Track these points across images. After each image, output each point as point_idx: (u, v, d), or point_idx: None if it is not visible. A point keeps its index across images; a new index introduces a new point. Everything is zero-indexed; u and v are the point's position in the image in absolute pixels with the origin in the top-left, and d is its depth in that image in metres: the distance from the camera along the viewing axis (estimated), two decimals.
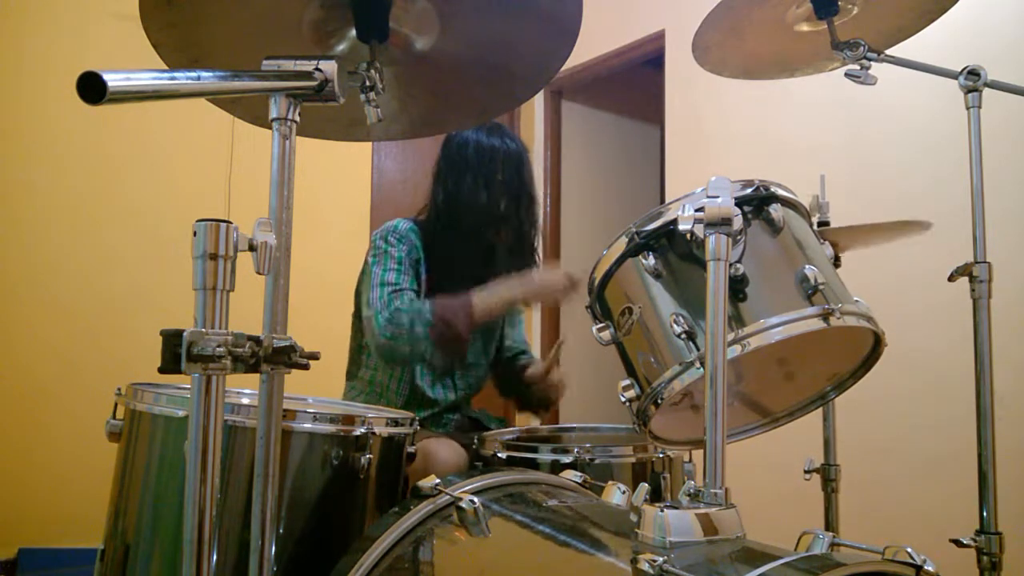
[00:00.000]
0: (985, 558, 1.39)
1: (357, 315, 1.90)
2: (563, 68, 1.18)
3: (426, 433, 1.72)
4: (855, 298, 1.09)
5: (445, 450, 1.55)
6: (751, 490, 1.68)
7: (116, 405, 1.29)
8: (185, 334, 0.67)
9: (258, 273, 0.76)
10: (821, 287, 1.02)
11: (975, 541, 1.40)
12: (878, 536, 0.91)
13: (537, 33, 1.14)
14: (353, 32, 1.09)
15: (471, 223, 1.77)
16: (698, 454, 1.23)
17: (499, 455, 1.48)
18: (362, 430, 1.23)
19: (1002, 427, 1.45)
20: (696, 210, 0.92)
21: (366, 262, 1.79)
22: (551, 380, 1.89)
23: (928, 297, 2.41)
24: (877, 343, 1.12)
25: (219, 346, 0.68)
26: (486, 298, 1.68)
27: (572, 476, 1.30)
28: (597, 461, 1.45)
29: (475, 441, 1.57)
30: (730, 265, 0.94)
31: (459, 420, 1.89)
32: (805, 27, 1.51)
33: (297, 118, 0.84)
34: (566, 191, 4.37)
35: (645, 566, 0.77)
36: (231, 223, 0.71)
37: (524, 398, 1.95)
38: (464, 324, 1.63)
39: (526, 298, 1.76)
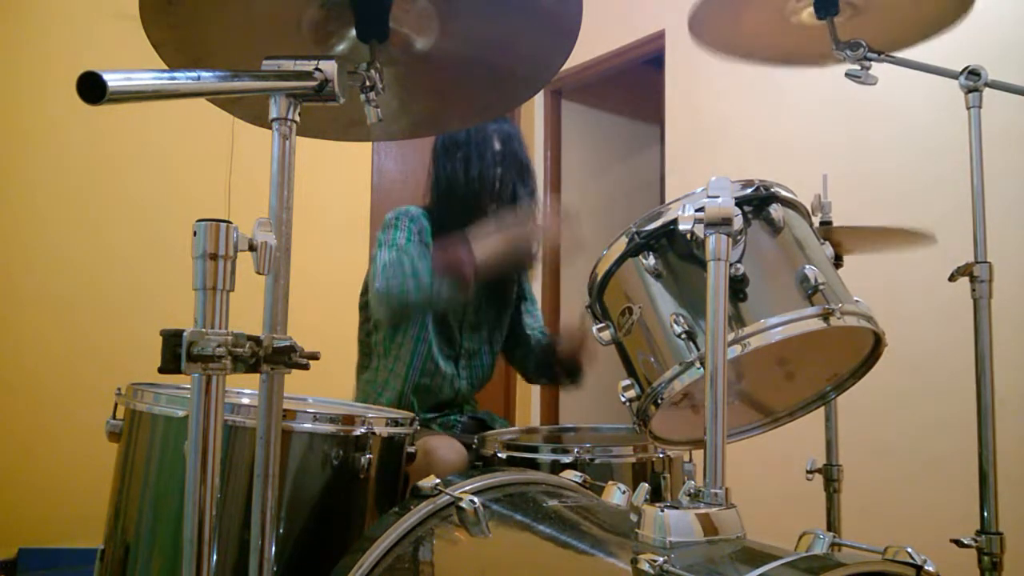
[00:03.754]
0: (986, 558, 1.39)
1: (364, 307, 1.90)
2: (563, 68, 1.18)
3: (427, 432, 1.72)
4: (855, 298, 1.08)
5: (446, 448, 1.55)
6: (751, 490, 1.67)
7: (116, 405, 1.29)
8: (185, 334, 0.68)
9: (258, 273, 0.76)
10: (821, 287, 1.02)
11: (976, 541, 1.40)
12: (878, 536, 0.91)
13: (537, 33, 1.14)
14: (353, 32, 1.08)
15: (470, 196, 1.80)
16: (698, 454, 1.23)
17: (499, 455, 1.48)
18: (362, 430, 1.23)
19: (1002, 427, 1.45)
20: (696, 210, 0.92)
21: (377, 242, 1.78)
22: (583, 347, 1.89)
23: (928, 297, 2.41)
24: (877, 343, 1.12)
25: (219, 346, 0.68)
26: (483, 239, 1.66)
27: (572, 476, 1.29)
28: (597, 461, 1.45)
29: (475, 441, 1.57)
30: (730, 265, 0.94)
31: (466, 423, 1.89)
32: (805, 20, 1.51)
33: (297, 118, 0.84)
34: (566, 191, 4.36)
35: (645, 566, 0.77)
36: (231, 223, 0.71)
37: (555, 375, 1.97)
38: (465, 252, 1.61)
39: (520, 237, 1.73)
